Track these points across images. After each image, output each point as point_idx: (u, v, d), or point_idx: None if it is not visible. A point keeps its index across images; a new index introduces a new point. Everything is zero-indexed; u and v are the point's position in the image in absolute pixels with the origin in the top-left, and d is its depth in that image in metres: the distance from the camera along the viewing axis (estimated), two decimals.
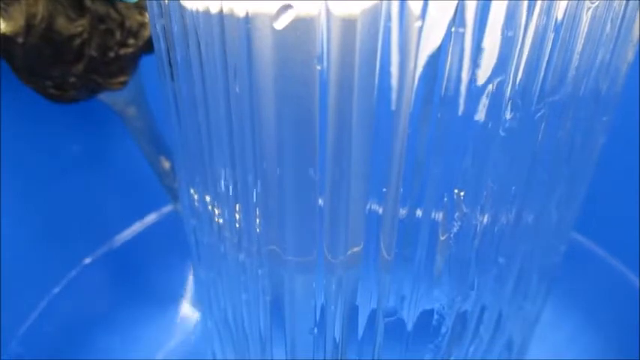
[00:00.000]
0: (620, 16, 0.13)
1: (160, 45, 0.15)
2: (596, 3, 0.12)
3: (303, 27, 0.11)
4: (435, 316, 0.16)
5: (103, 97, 0.24)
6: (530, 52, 0.12)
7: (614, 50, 0.14)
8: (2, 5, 0.20)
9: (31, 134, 0.25)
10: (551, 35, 0.12)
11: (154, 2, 0.14)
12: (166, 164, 0.27)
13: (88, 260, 0.29)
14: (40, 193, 0.26)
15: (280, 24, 0.11)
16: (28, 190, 0.26)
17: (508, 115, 0.12)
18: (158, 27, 0.14)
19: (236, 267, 0.16)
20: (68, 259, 0.28)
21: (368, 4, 0.11)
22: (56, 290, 0.27)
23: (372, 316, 0.15)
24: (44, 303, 0.27)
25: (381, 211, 0.13)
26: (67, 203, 0.27)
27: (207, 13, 0.12)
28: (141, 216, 0.31)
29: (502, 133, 0.13)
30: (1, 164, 0.23)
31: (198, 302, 0.28)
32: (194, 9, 0.13)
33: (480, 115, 0.12)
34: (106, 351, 0.26)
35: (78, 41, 0.21)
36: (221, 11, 0.12)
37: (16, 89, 0.22)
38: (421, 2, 0.11)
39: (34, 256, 0.26)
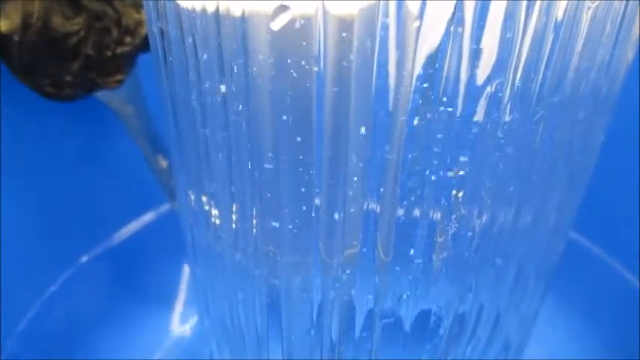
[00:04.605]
0: (620, 16, 0.13)
1: (157, 44, 0.14)
2: (597, 3, 0.12)
3: (299, 27, 0.11)
4: (433, 317, 0.15)
5: (100, 95, 0.24)
6: (529, 52, 0.12)
7: (614, 51, 0.13)
8: None
9: (28, 132, 0.25)
10: (550, 35, 0.12)
11: (151, 2, 0.14)
12: (163, 163, 0.27)
13: (84, 259, 0.29)
14: (36, 191, 0.26)
15: (277, 24, 0.11)
16: (24, 188, 0.25)
17: (507, 117, 0.12)
18: (154, 26, 0.14)
19: (232, 267, 0.16)
20: (65, 258, 0.28)
21: (365, 4, 0.11)
22: (53, 289, 0.27)
23: (369, 316, 0.15)
24: (41, 302, 0.27)
25: (378, 211, 0.13)
26: (64, 201, 0.27)
27: (203, 12, 0.12)
28: (138, 215, 0.31)
29: (500, 134, 0.13)
30: None
31: (195, 302, 0.28)
32: (190, 8, 0.12)
33: (479, 116, 0.12)
34: (103, 350, 0.26)
35: (74, 39, 0.21)
36: (217, 11, 0.12)
37: (13, 88, 0.22)
38: (419, 2, 0.11)
39: (30, 254, 0.26)
